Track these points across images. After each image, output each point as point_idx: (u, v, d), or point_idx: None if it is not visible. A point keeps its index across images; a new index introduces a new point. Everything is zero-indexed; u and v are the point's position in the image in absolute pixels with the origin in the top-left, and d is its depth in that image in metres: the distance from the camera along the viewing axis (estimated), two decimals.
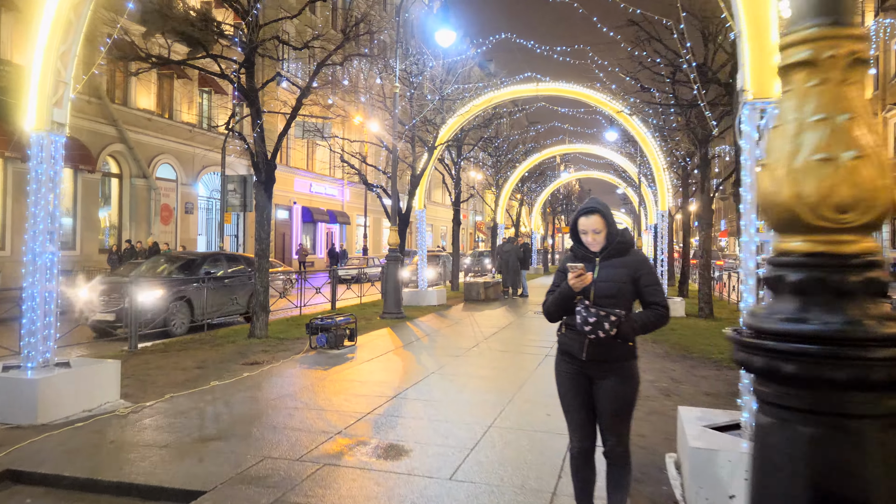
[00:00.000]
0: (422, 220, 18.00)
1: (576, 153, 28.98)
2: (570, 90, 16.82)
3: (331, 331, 9.94)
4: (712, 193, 15.89)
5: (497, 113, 18.81)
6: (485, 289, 19.37)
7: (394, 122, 14.22)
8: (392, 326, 12.99)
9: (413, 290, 17.61)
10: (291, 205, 38.36)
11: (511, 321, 13.83)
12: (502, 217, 28.58)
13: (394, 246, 14.30)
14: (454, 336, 11.74)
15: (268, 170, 10.96)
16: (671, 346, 10.93)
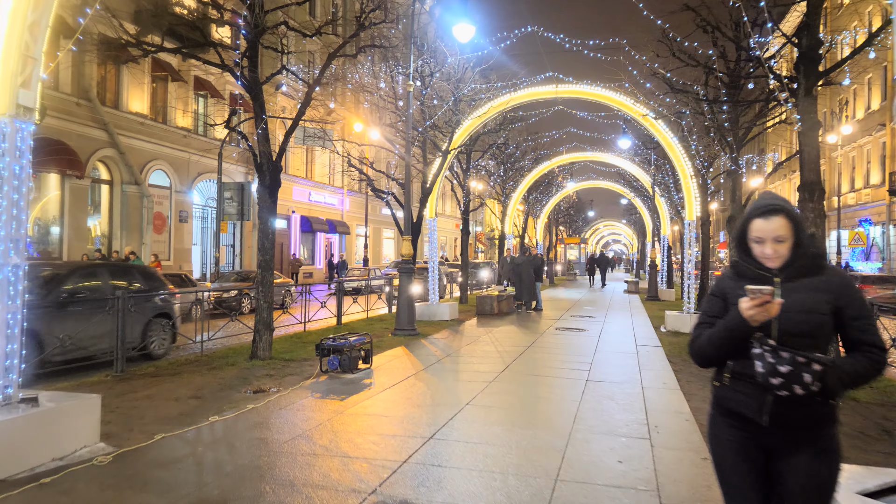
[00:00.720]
0: (433, 230, 16.91)
1: (586, 161, 27.98)
2: (591, 92, 15.81)
3: (344, 353, 8.82)
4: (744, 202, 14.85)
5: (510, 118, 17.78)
6: (498, 302, 18.27)
7: (408, 124, 13.16)
8: (406, 345, 11.87)
9: (424, 305, 16.49)
10: (290, 214, 37.24)
11: (533, 340, 12.72)
12: (510, 227, 27.51)
13: (407, 257, 13.20)
14: (477, 357, 10.61)
15: (273, 173, 9.88)
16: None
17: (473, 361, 10.16)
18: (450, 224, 61.30)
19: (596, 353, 11.08)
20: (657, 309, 20.75)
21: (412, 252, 13.22)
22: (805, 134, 8.04)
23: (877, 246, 41.19)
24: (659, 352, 11.45)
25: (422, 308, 16.32)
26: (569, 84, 15.66)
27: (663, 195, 26.14)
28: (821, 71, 7.91)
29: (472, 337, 13.15)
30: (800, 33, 7.97)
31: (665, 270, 27.10)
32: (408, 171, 13.32)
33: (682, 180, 15.44)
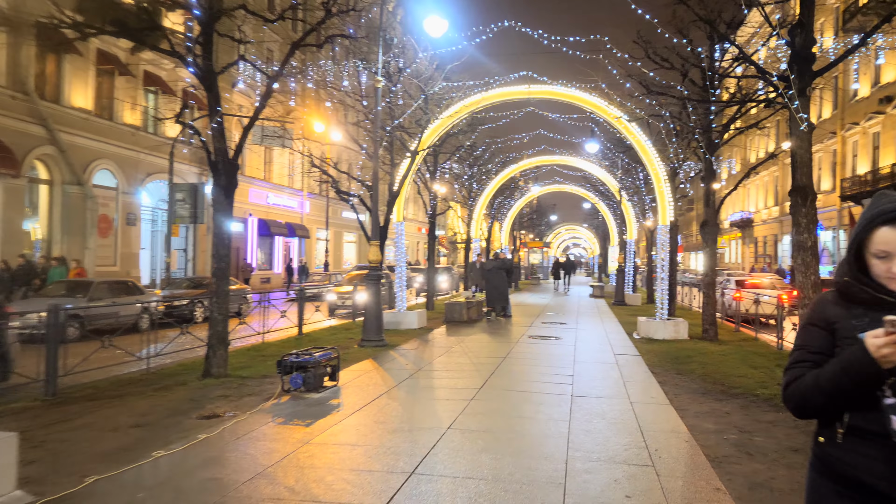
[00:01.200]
0: (401, 234, 16.19)
1: (553, 164, 27.62)
2: (565, 93, 15.33)
3: (308, 370, 8.04)
4: (717, 206, 14.56)
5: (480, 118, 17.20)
6: (467, 309, 17.63)
7: (375, 122, 12.42)
8: (375, 357, 11.11)
9: (391, 313, 15.74)
10: (247, 217, 35.99)
11: (508, 350, 12.11)
12: (477, 232, 26.95)
13: (374, 263, 12.45)
14: (452, 370, 9.93)
15: (229, 172, 9.04)
16: (702, 380, 9.38)
17: (449, 376, 9.48)
18: (412, 228, 60.53)
19: (575, 363, 10.52)
20: (626, 314, 20.41)
21: (380, 258, 12.48)
22: (798, 136, 7.62)
23: (828, 250, 42.03)
24: (638, 361, 10.95)
25: (388, 316, 15.58)
26: (542, 84, 15.15)
27: (630, 199, 25.94)
28: (815, 71, 7.50)
29: (443, 347, 12.47)
30: (793, 31, 7.56)
31: (631, 275, 26.88)
32: (375, 172, 12.58)
33: (656, 184, 15.07)
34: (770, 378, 9.52)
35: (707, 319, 14.13)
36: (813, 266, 7.53)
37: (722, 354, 11.82)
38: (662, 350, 12.41)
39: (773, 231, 52.32)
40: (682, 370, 10.17)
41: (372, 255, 12.38)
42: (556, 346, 12.61)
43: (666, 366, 10.58)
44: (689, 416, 7.13)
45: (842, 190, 37.68)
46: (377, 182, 12.46)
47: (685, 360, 11.11)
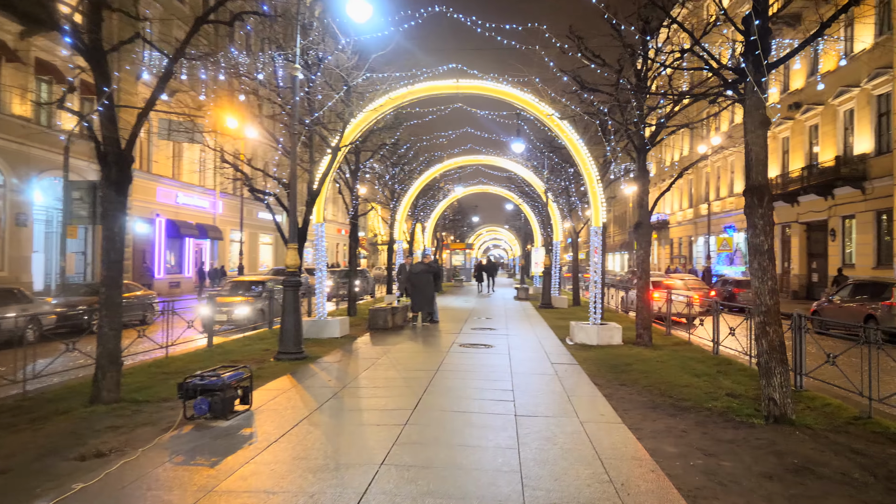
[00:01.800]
0: (321, 236, 15.08)
1: (478, 164, 27.07)
2: (495, 89, 14.69)
3: (215, 395, 6.94)
4: (650, 207, 14.28)
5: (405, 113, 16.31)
6: (392, 315, 16.71)
7: (293, 115, 11.32)
8: (293, 372, 10.03)
9: (311, 321, 14.62)
10: (153, 217, 33.68)
11: (439, 360, 11.28)
12: (400, 233, 26.04)
13: (292, 268, 11.34)
14: (381, 387, 9.00)
15: (120, 164, 7.78)
16: (648, 391, 8.87)
17: (378, 394, 8.54)
18: (331, 230, 58.89)
19: (513, 375, 9.81)
20: (555, 318, 20.03)
21: (298, 262, 11.38)
22: (753, 132, 7.17)
23: (740, 251, 43.67)
24: (578, 371, 10.37)
25: (308, 324, 14.47)
26: (472, 78, 14.45)
27: (556, 200, 25.71)
28: (770, 63, 7.07)
29: (369, 359, 11.50)
30: (747, 20, 7.09)
31: (556, 277, 26.68)
32: (293, 169, 11.48)
33: (588, 185, 14.65)
34: (716, 387, 9.12)
35: (641, 324, 13.80)
36: (770, 271, 7.09)
37: (660, 361, 11.44)
38: (599, 357, 11.92)
39: (688, 233, 54.05)
40: (625, 380, 9.65)
41: (290, 260, 11.27)
42: (490, 356, 11.89)
43: (607, 375, 10.04)
44: (646, 436, 6.51)
45: None
46: (295, 180, 11.38)
47: (625, 369, 10.63)
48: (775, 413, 7.03)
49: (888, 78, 27.06)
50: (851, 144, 30.28)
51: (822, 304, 20.80)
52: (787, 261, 37.24)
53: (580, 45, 13.01)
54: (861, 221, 29.52)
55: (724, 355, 12.39)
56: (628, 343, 13.90)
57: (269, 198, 13.22)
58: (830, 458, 5.88)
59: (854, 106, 29.96)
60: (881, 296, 17.52)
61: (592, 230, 14.68)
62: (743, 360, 11.85)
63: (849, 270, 30.56)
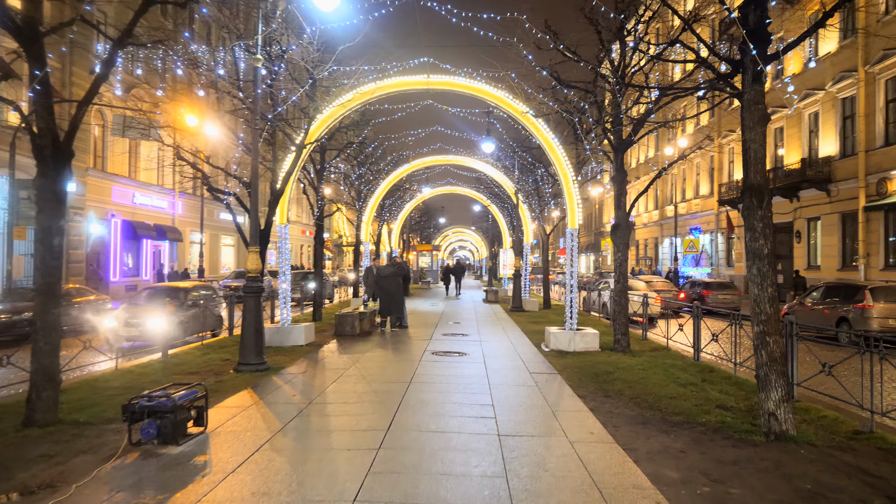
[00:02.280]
0: (285, 238, 14.29)
1: (447, 165, 26.47)
2: (467, 85, 14.09)
3: (165, 417, 6.19)
4: (628, 208, 13.86)
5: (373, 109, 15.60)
6: (359, 321, 15.99)
7: (255, 109, 10.55)
8: (255, 386, 9.27)
9: (274, 328, 13.82)
10: (109, 218, 32.27)
11: (412, 371, 10.63)
12: (367, 235, 25.28)
13: (254, 273, 10.56)
14: (351, 403, 8.31)
15: (58, 158, 6.96)
16: (635, 404, 8.37)
17: (347, 411, 7.85)
18: (296, 231, 57.65)
19: (491, 387, 9.22)
20: (527, 322, 19.54)
21: (260, 266, 10.61)
22: (751, 129, 6.71)
23: (706, 252, 43.98)
24: (559, 381, 9.83)
25: (271, 331, 13.69)
26: (443, 74, 13.83)
27: (527, 201, 25.27)
28: (770, 54, 6.61)
29: (337, 369, 10.79)
30: (745, 8, 6.63)
31: (527, 280, 26.23)
32: (255, 167, 10.71)
33: (564, 185, 14.16)
34: (704, 398, 8.67)
35: (619, 329, 13.36)
36: (770, 277, 6.62)
37: (642, 369, 10.97)
38: (578, 365, 11.42)
39: (653, 234, 54.35)
40: (609, 391, 9.14)
41: (251, 264, 10.49)
42: (465, 365, 11.29)
43: (589, 386, 9.52)
44: (643, 458, 5.97)
45: (719, 195, 39.38)
46: (257, 179, 10.61)
47: (607, 378, 10.13)
48: (776, 429, 6.57)
49: (853, 81, 27.31)
50: (817, 147, 30.55)
51: (793, 307, 20.73)
52: None
53: (556, 40, 12.52)
54: (826, 224, 29.79)
55: (705, 361, 12.01)
56: (606, 349, 13.45)
57: (229, 198, 12.42)
58: (844, 481, 5.42)
59: (819, 109, 30.23)
60: (854, 298, 17.44)
61: (568, 232, 14.19)
62: (725, 366, 11.47)
63: (814, 272, 30.82)
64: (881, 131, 25.87)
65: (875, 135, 26.07)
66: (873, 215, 26.18)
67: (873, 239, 26.28)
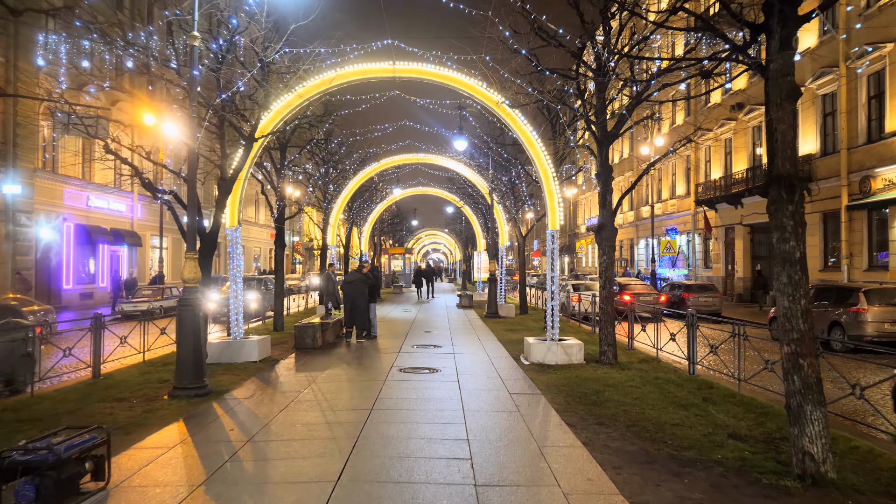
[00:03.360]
0: (236, 243, 12.86)
1: (417, 164, 25.16)
2: (436, 73, 12.81)
3: (46, 474, 4.78)
4: (614, 207, 12.70)
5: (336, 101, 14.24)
6: (322, 332, 14.59)
7: (190, 92, 9.13)
8: (189, 417, 7.86)
9: (225, 342, 12.38)
10: (61, 222, 30.36)
11: (375, 394, 9.30)
12: (333, 238, 23.85)
13: (192, 282, 9.13)
14: (298, 440, 6.94)
15: None
16: (635, 434, 7.14)
17: (292, 452, 6.47)
18: (263, 234, 55.81)
19: (465, 414, 7.93)
20: (504, 329, 18.31)
21: (198, 275, 9.17)
22: (779, 105, 5.53)
23: (682, 254, 43.27)
24: (543, 405, 8.58)
25: (221, 346, 12.25)
26: (410, 60, 12.53)
27: (501, 201, 24.07)
28: (801, 15, 5.45)
29: (290, 392, 9.41)
30: None
31: (503, 284, 25.02)
32: (193, 159, 9.28)
33: (544, 182, 12.94)
34: (712, 424, 7.48)
35: (605, 339, 12.18)
36: (804, 286, 5.45)
37: (635, 387, 9.78)
38: (563, 382, 10.19)
39: (629, 235, 53.59)
40: (602, 417, 7.91)
41: (187, 272, 9.06)
42: (436, 385, 9.98)
43: (579, 410, 8.28)
44: None
45: (696, 195, 38.64)
46: (195, 172, 9.20)
47: (598, 399, 8.91)
48: (812, 471, 5.39)
49: (833, 77, 26.62)
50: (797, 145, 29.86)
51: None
52: (731, 264, 36.85)
53: (533, 22, 11.33)
54: (806, 223, 29.08)
55: (701, 376, 10.88)
56: (591, 361, 12.27)
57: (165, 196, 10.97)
58: None
59: (798, 106, 29.56)
60: (847, 301, 16.52)
61: (549, 233, 12.97)
62: (725, 381, 10.34)
63: None
64: (863, 128, 25.19)
65: (857, 132, 25.39)
66: (856, 214, 25.49)
67: (856, 239, 25.58)
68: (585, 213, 65.33)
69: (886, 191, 23.45)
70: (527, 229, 29.09)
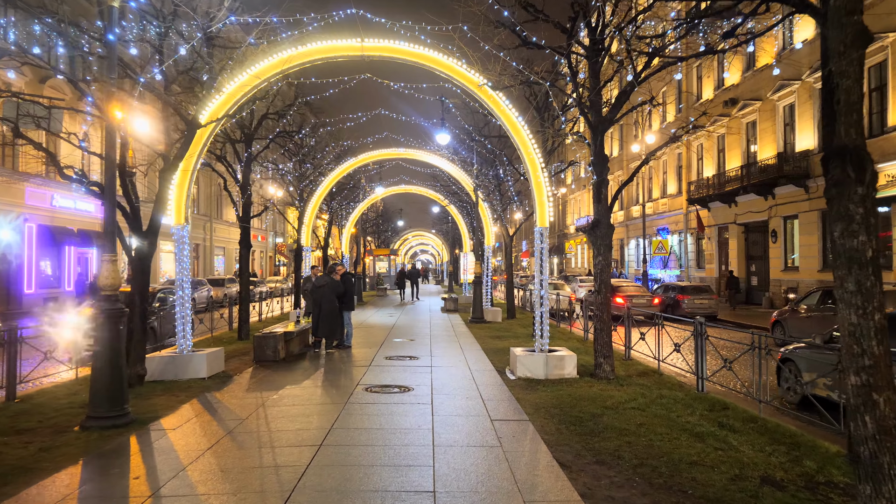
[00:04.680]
0: (182, 242, 11.30)
1: (398, 159, 23.65)
2: (409, 51, 11.35)
3: None
4: (609, 201, 11.28)
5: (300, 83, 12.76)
6: (285, 343, 13.09)
7: (109, 61, 7.63)
8: (90, 462, 6.33)
9: (169, 356, 10.85)
10: (22, 223, 28.60)
11: (331, 423, 7.82)
12: (307, 239, 22.32)
13: (109, 290, 7.60)
14: (216, 494, 5.45)
15: None
16: (643, 477, 5.72)
17: None
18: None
19: (436, 451, 6.46)
20: (489, 336, 16.87)
21: (117, 281, 7.64)
22: (842, 54, 4.15)
23: (674, 254, 42.02)
24: (531, 435, 7.13)
25: (164, 362, 10.74)
26: (379, 36, 11.06)
27: (487, 199, 22.64)
28: None
29: (229, 421, 7.90)
30: None
31: (489, 286, 23.58)
32: (110, 137, 7.76)
33: (532, 174, 11.50)
34: (737, 462, 6.08)
35: (601, 351, 10.77)
36: (877, 295, 4.04)
37: (638, 409, 8.37)
38: (554, 403, 8.76)
39: (619, 236, 52.30)
40: (602, 452, 6.48)
41: (104, 278, 7.53)
42: (406, 409, 8.51)
43: (573, 442, 6.84)
44: None
45: (688, 193, 37.43)
46: (114, 153, 7.68)
47: (596, 427, 7.48)
48: None
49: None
50: (793, 142, 28.68)
51: (784, 314, 18.54)
52: (724, 264, 35.64)
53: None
54: (805, 222, 27.89)
55: (711, 393, 9.49)
56: (584, 375, 10.87)
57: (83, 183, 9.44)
58: None
59: (795, 101, 28.36)
60: None
61: (537, 231, 11.53)
62: (739, 399, 8.97)
63: (791, 274, 28.94)
64: (865, 122, 24.01)
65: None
66: None
67: None
68: (575, 212, 64.08)
69: (890, 187, 22.22)
70: (514, 229, 27.70)
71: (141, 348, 10.21)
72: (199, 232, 43.33)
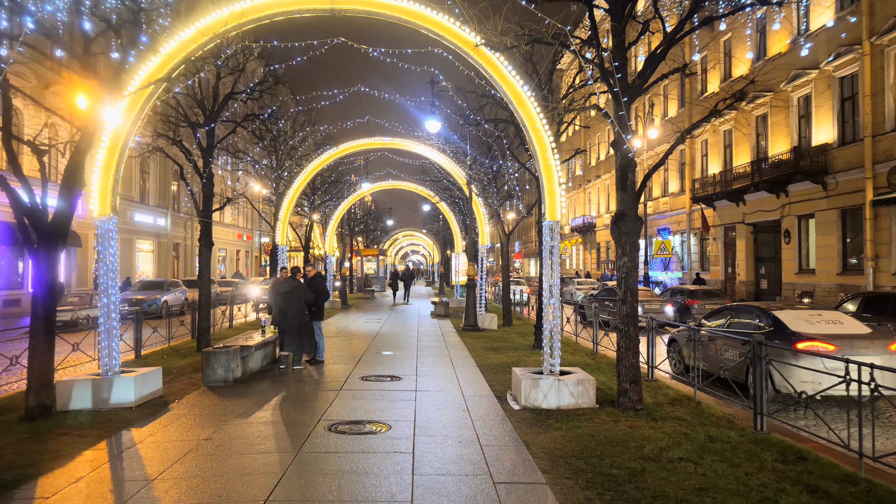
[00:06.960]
0: (107, 238, 9.11)
1: (384, 149, 21.48)
2: (388, 4, 9.22)
3: None
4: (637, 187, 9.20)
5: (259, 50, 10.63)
6: (241, 360, 10.89)
7: None
8: None
9: (86, 380, 8.66)
10: None
11: (269, 489, 5.69)
12: (283, 237, 20.13)
13: None
14: None
15: None
16: None
17: None
18: (230, 234, 51.74)
19: None
20: (485, 349, 14.74)
21: None
22: None
23: (676, 255, 40.04)
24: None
25: (81, 386, 8.57)
26: None
27: (481, 194, 20.51)
28: None
29: (132, 482, 5.73)
30: None
31: (483, 290, 21.46)
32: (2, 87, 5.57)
33: (540, 156, 9.38)
34: None
35: (626, 374, 8.66)
36: None
37: (688, 461, 6.24)
38: (575, 448, 6.64)
39: None
40: None
41: None
42: (377, 462, 6.36)
43: None
44: None
45: (692, 192, 35.47)
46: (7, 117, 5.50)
47: (639, 496, 5.36)
48: None
49: (854, 56, 23.46)
50: (808, 135, 26.71)
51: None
52: (731, 266, 33.68)
53: None
54: (822, 221, 25.90)
55: (775, 434, 7.38)
56: (604, 403, 8.79)
57: None
58: None
59: (811, 91, 26.37)
60: None
61: (546, 226, 9.39)
62: (818, 446, 6.87)
63: (807, 277, 26.96)
64: (892, 113, 22.04)
65: (884, 117, 22.23)
66: (883, 210, 22.31)
67: (883, 238, 22.39)
68: (570, 212, 62.08)
69: None
70: (509, 228, 25.60)
71: (45, 370, 8.04)
72: (180, 230, 41.06)
